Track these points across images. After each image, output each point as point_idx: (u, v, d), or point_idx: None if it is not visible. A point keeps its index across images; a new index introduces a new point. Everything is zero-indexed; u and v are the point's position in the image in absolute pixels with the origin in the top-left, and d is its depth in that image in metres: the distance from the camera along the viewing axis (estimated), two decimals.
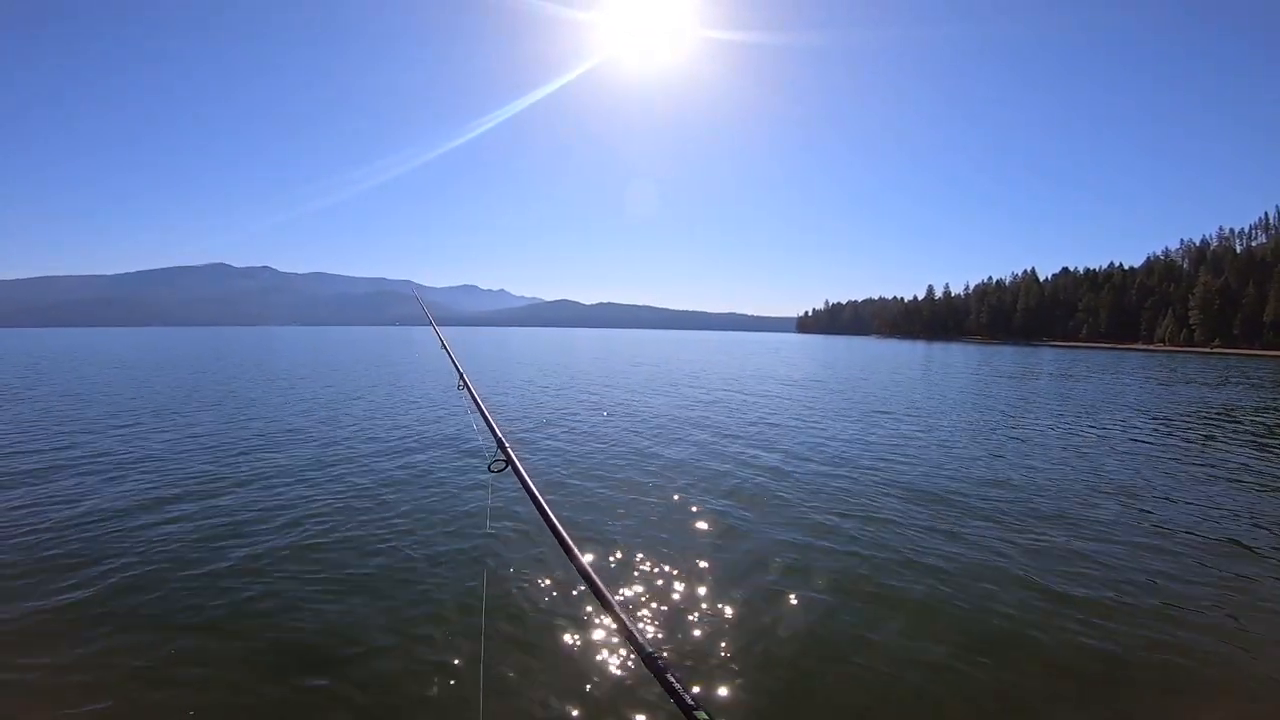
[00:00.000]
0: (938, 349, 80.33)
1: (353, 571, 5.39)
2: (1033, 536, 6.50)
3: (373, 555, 5.79)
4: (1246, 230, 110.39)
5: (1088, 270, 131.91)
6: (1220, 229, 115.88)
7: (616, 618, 1.35)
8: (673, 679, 1.13)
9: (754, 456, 10.36)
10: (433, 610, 4.73)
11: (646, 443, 11.46)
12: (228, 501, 7.43)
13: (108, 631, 4.35)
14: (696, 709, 1.04)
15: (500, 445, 2.45)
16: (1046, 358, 57.95)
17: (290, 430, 12.29)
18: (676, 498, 7.84)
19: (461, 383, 3.35)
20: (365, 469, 9.15)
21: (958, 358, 53.83)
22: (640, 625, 4.44)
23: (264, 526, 6.54)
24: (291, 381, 22.76)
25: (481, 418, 2.90)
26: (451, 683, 3.83)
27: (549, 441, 11.51)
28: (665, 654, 1.24)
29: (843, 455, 10.65)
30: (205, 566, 5.48)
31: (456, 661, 4.02)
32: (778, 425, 13.86)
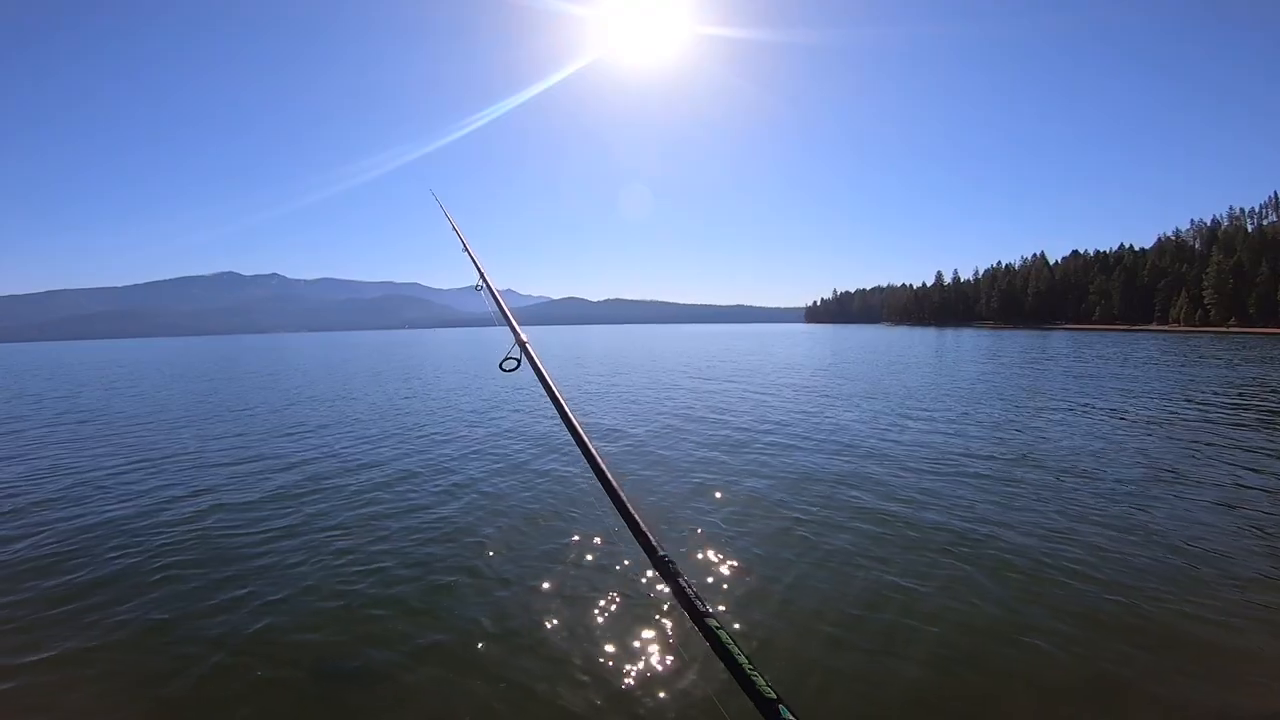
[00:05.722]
0: (949, 335, 79.81)
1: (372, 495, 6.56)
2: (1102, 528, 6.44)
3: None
4: (1257, 210, 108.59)
5: (1098, 252, 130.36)
6: (1231, 208, 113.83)
7: (630, 518, 1.33)
8: (684, 584, 1.13)
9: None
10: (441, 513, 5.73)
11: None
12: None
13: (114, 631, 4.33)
14: (708, 615, 1.06)
15: (518, 341, 2.29)
16: (1064, 341, 57.53)
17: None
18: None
19: (481, 283, 3.30)
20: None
21: (970, 343, 53.52)
22: (652, 530, 4.45)
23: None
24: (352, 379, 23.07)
25: (501, 314, 2.71)
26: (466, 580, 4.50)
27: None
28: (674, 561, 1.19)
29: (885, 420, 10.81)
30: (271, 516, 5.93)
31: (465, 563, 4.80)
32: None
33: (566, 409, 1.78)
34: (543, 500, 6.93)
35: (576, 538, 5.65)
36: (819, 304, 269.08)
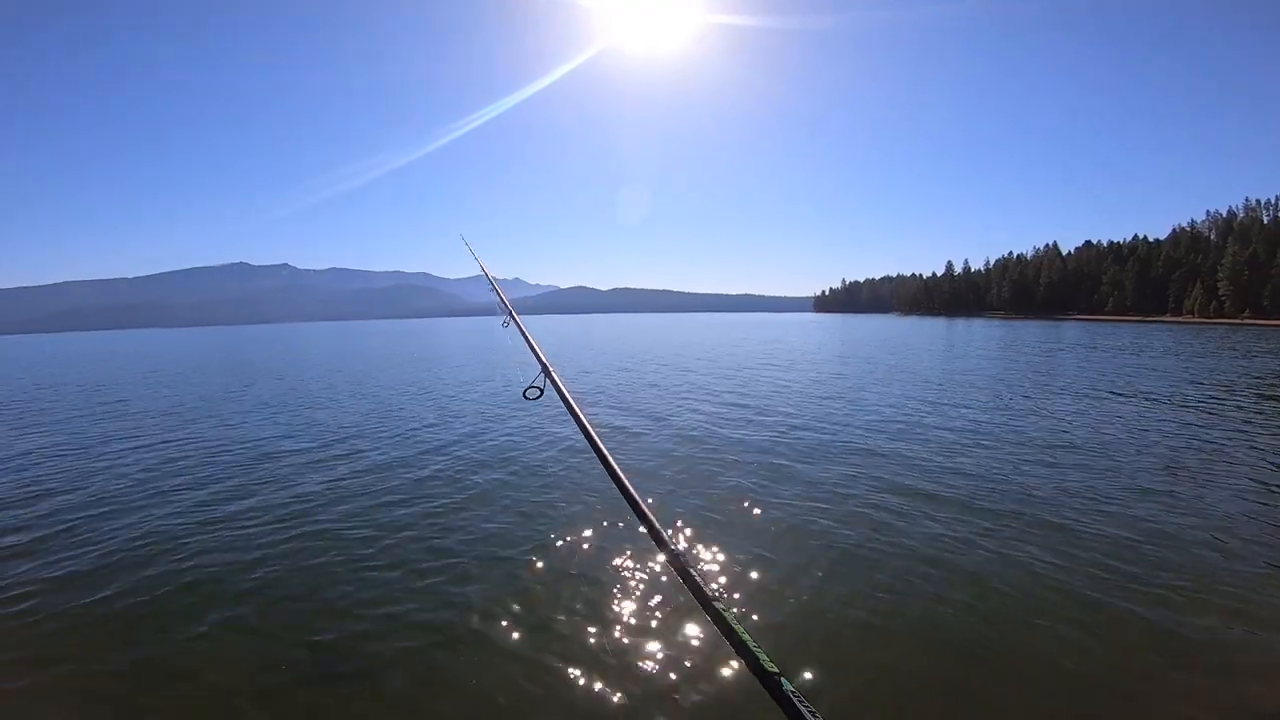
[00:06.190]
0: (960, 325, 79.42)
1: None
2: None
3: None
4: (1274, 201, 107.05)
5: (1111, 243, 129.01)
6: (1247, 200, 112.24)
7: (644, 517, 1.40)
8: (692, 572, 1.18)
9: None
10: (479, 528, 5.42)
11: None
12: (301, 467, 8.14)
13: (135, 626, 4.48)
14: (715, 599, 1.11)
15: (544, 369, 2.31)
16: (1078, 331, 57.23)
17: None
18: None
19: (508, 319, 3.30)
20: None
21: (983, 333, 53.35)
22: (673, 539, 4.28)
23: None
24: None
25: (525, 343, 2.73)
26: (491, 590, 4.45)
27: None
28: (696, 569, 1.23)
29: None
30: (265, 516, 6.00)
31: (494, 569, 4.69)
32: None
33: (588, 425, 1.86)
34: (571, 499, 6.90)
35: (601, 539, 5.70)
36: (827, 293, 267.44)
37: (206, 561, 5.47)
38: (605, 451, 1.73)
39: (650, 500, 5.38)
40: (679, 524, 6.03)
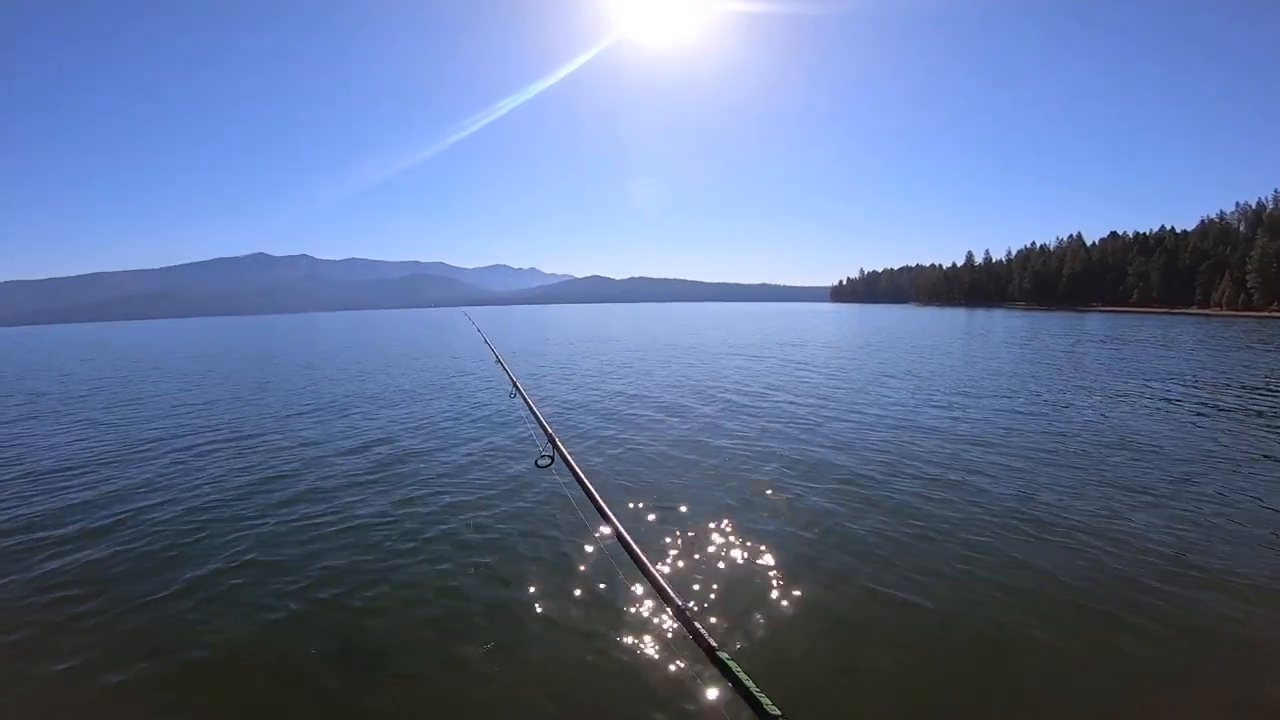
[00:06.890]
0: (980, 315, 78.49)
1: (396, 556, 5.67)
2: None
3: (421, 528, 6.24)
4: None
5: (1137, 234, 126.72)
6: (1276, 191, 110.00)
7: (651, 578, 1.39)
8: (699, 626, 1.17)
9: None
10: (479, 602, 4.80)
11: None
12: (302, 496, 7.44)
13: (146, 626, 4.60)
14: (719, 648, 1.09)
15: (550, 440, 2.42)
16: (1103, 323, 56.73)
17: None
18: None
19: (514, 390, 3.41)
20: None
21: (1003, 324, 53.08)
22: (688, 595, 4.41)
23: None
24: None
25: (532, 415, 2.84)
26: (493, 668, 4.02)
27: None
28: (712, 633, 1.19)
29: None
30: (267, 556, 5.67)
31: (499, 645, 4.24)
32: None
33: (596, 496, 1.95)
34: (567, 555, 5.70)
35: (604, 585, 4.98)
36: (845, 283, 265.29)
37: (252, 552, 5.72)
38: (614, 517, 1.78)
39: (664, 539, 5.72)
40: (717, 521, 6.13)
